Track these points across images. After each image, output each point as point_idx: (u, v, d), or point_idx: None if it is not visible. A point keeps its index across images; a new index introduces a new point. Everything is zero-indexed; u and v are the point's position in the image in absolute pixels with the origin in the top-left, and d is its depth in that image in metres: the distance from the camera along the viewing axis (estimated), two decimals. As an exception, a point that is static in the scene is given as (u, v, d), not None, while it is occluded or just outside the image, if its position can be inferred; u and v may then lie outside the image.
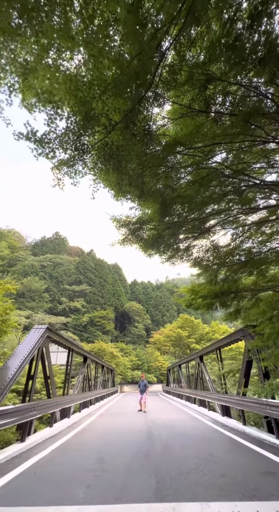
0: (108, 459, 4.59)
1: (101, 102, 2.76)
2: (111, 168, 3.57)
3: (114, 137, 3.20)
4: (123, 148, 3.34)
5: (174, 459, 4.50)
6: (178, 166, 5.49)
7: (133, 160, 3.54)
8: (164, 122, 5.36)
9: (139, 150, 3.59)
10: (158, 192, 4.52)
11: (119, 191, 4.16)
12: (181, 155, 5.24)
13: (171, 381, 25.27)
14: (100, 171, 3.71)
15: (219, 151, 5.70)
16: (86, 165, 3.57)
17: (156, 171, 4.68)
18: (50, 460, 4.61)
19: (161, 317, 60.01)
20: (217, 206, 7.75)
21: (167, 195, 4.74)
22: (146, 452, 5.03)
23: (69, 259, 61.93)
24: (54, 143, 3.08)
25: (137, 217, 5.57)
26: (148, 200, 4.48)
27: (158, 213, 4.93)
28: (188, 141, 4.13)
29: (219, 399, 9.41)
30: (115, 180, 3.84)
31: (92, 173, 3.73)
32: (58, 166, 3.44)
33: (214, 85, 5.06)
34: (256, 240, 8.65)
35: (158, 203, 4.65)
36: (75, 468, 4.15)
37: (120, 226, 5.58)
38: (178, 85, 4.66)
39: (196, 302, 8.35)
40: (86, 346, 33.46)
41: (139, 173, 3.85)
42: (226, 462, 4.31)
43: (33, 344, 6.89)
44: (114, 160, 3.43)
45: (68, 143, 3.15)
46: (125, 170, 3.65)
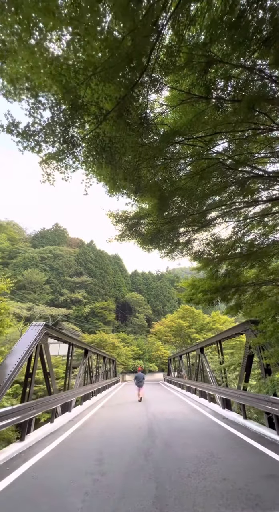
0: (108, 460, 4.54)
1: (90, 89, 2.47)
2: (104, 162, 3.30)
3: (106, 127, 2.92)
4: (117, 140, 3.06)
5: (174, 460, 4.44)
6: (177, 157, 5.18)
7: (128, 152, 3.26)
8: (162, 109, 5.02)
9: (134, 141, 3.30)
10: (155, 186, 4.25)
11: (114, 186, 3.89)
12: (180, 145, 4.93)
13: (172, 370, 25.57)
14: (93, 165, 3.43)
15: (220, 140, 5.37)
16: (77, 159, 3.29)
17: (153, 163, 4.40)
18: (49, 461, 4.56)
19: (162, 307, 60.39)
20: (218, 198, 7.48)
21: (166, 189, 4.47)
22: (146, 450, 4.99)
23: (69, 250, 61.73)
24: (40, 136, 2.79)
25: (134, 212, 5.31)
26: (145, 195, 4.21)
27: (156, 208, 4.68)
28: (187, 130, 3.82)
29: (220, 392, 9.41)
30: (109, 174, 3.56)
31: (84, 167, 3.45)
32: (46, 161, 3.17)
33: (215, 69, 4.71)
34: (258, 233, 8.42)
35: (156, 197, 4.39)
36: (74, 470, 4.09)
37: (117, 221, 5.33)
38: (177, 69, 4.32)
39: (197, 297, 8.19)
40: (88, 337, 33.76)
41: (135, 166, 3.57)
42: (226, 463, 4.25)
43: (31, 342, 6.79)
44: (107, 153, 3.15)
45: (55, 135, 2.87)
46: (119, 164, 3.38)
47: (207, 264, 8.54)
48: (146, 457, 4.63)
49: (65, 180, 3.65)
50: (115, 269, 64.73)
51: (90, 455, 4.86)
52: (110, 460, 4.52)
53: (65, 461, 4.57)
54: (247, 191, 7.42)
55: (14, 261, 52.79)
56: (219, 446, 5.26)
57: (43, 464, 4.40)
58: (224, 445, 5.29)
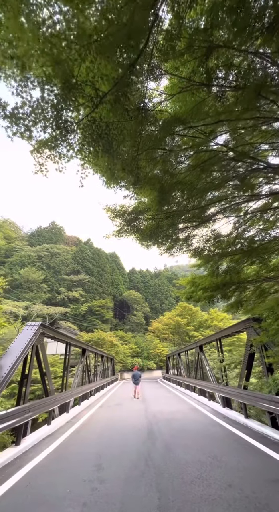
0: (107, 465, 4.35)
1: (85, 67, 2.24)
2: (101, 150, 3.06)
3: (103, 112, 2.69)
4: (114, 126, 2.83)
5: (176, 464, 4.27)
6: (177, 150, 4.96)
7: (127, 140, 3.03)
8: (161, 98, 4.78)
9: (133, 129, 3.08)
10: (155, 179, 4.03)
11: (112, 178, 3.65)
12: (180, 136, 4.71)
13: (170, 368, 25.50)
14: (88, 154, 3.19)
15: (221, 132, 5.15)
16: (71, 147, 3.05)
17: (152, 155, 4.17)
18: (45, 467, 4.36)
19: (160, 305, 60.33)
20: (218, 193, 7.29)
21: (165, 182, 4.25)
22: (146, 454, 4.81)
23: (66, 248, 61.27)
24: (30, 119, 2.54)
25: (133, 207, 5.08)
26: (144, 187, 3.98)
27: (156, 202, 4.45)
28: (188, 118, 3.60)
29: (220, 390, 9.28)
30: (106, 164, 3.33)
31: (79, 156, 3.21)
32: (38, 149, 2.93)
33: (217, 55, 4.49)
34: (258, 228, 8.25)
35: (155, 190, 4.16)
36: (72, 478, 3.89)
37: (115, 216, 5.10)
38: (177, 55, 4.09)
39: (197, 294, 8.01)
40: (86, 335, 33.54)
41: (134, 156, 3.34)
42: (231, 467, 4.08)
43: (26, 342, 6.56)
44: (104, 141, 2.91)
45: (47, 120, 2.62)
46: (117, 153, 3.14)
47: (207, 260, 8.36)
48: (146, 461, 4.45)
49: (59, 171, 3.41)
50: (113, 267, 64.44)
51: (88, 459, 4.67)
52: (109, 465, 4.33)
53: (62, 467, 4.37)
54: (247, 185, 7.24)
55: (11, 259, 52.26)
56: (221, 447, 5.10)
57: (39, 471, 4.20)
58: (227, 447, 5.14)
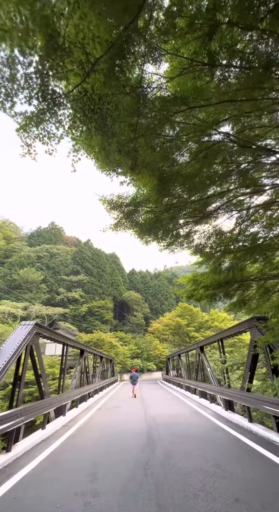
0: (102, 475, 4.03)
1: (73, 26, 1.95)
2: (94, 128, 2.75)
3: (96, 83, 2.39)
4: (109, 100, 2.53)
5: (177, 473, 3.95)
6: (177, 135, 4.66)
7: (123, 118, 2.73)
8: (160, 82, 4.49)
9: (129, 105, 2.78)
10: (154, 164, 3.73)
11: (106, 160, 3.33)
12: (182, 117, 4.38)
13: (170, 369, 25.14)
14: (80, 133, 2.89)
15: (224, 121, 4.84)
16: (61, 124, 2.75)
17: (151, 141, 3.86)
18: (36, 477, 4.04)
19: (160, 306, 59.96)
20: (220, 188, 7.02)
21: (165, 169, 3.94)
22: (145, 462, 4.49)
23: (66, 249, 60.99)
24: (11, 87, 2.26)
25: (131, 197, 4.78)
26: (143, 173, 3.67)
27: (155, 191, 4.14)
28: (189, 98, 3.29)
29: (222, 392, 8.95)
30: (100, 144, 3.01)
31: (70, 135, 2.91)
32: (25, 126, 2.63)
33: (220, 36, 4.19)
34: (261, 225, 7.96)
35: (154, 178, 3.85)
36: (63, 489, 3.57)
37: (111, 208, 4.79)
38: (178, 34, 3.80)
39: (198, 293, 7.70)
40: (85, 336, 33.18)
41: (130, 137, 3.05)
42: (236, 477, 3.76)
43: (19, 342, 6.25)
44: (97, 116, 2.61)
45: (31, 89, 2.33)
46: (112, 132, 2.83)
47: (209, 258, 8.06)
48: (145, 470, 4.13)
49: (49, 153, 3.11)
50: (112, 267, 64.12)
51: (82, 468, 4.35)
52: (105, 475, 4.01)
53: (54, 476, 4.04)
54: (250, 180, 6.97)
55: (10, 260, 51.96)
56: (225, 455, 4.77)
57: (28, 481, 3.88)
58: (231, 454, 4.81)
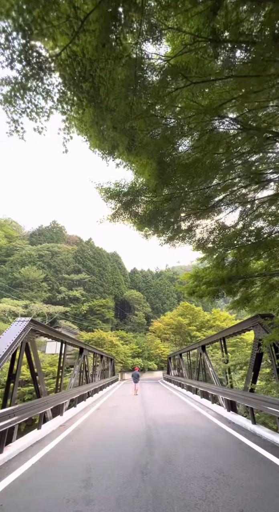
0: (97, 480, 3.77)
1: None
2: (86, 100, 2.48)
3: (87, 46, 2.13)
4: (102, 66, 2.26)
5: (177, 480, 3.68)
6: (178, 124, 4.37)
7: (118, 88, 2.45)
8: (159, 63, 4.20)
9: (125, 74, 2.51)
10: (153, 146, 3.44)
11: (99, 137, 3.02)
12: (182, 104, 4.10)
13: (171, 369, 24.86)
14: (71, 107, 2.62)
15: (229, 102, 4.54)
16: (50, 96, 2.48)
17: (149, 121, 3.56)
18: (26, 482, 3.78)
19: (161, 305, 59.68)
20: (223, 180, 6.74)
21: (166, 152, 3.65)
22: (143, 467, 4.23)
23: (67, 248, 60.82)
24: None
25: (129, 185, 4.50)
26: (141, 155, 3.38)
27: (155, 176, 3.86)
28: (192, 71, 3.00)
29: (225, 393, 8.67)
30: (92, 119, 2.73)
31: (60, 108, 2.64)
32: (9, 99, 2.36)
33: (226, 12, 3.89)
34: (266, 220, 7.66)
35: (154, 161, 3.56)
36: (54, 496, 3.31)
37: (108, 197, 4.52)
38: (180, 10, 3.50)
39: (200, 289, 7.41)
40: (86, 335, 32.99)
41: (127, 112, 2.76)
42: (241, 485, 3.48)
43: (14, 339, 6.00)
44: (89, 85, 2.34)
45: (13, 49, 2.06)
46: (106, 105, 2.56)
47: (211, 253, 7.78)
48: (142, 475, 3.86)
49: (38, 131, 2.85)
50: (114, 266, 63.92)
51: (76, 472, 4.09)
52: (99, 480, 3.75)
53: (45, 482, 3.79)
54: (254, 173, 6.69)
55: (11, 258, 51.91)
56: (228, 459, 4.50)
57: (18, 487, 3.63)
58: (234, 459, 4.53)
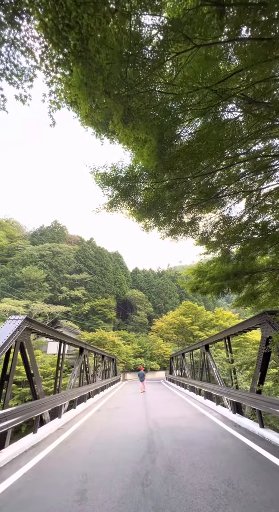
0: (93, 493, 3.41)
1: None
2: (72, 55, 2.12)
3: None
4: (91, 11, 1.90)
5: (181, 493, 3.31)
6: (179, 102, 4.00)
7: (110, 38, 2.08)
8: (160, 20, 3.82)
9: (119, 29, 2.15)
10: (152, 119, 3.06)
11: (90, 104, 2.64)
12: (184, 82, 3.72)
13: (174, 369, 24.46)
14: (56, 66, 2.27)
15: (237, 73, 4.15)
16: (31, 52, 2.14)
17: (147, 89, 3.18)
18: (15, 494, 3.43)
19: (163, 305, 59.26)
20: (227, 170, 6.38)
21: (165, 122, 3.27)
22: (144, 476, 3.86)
23: (68, 247, 60.56)
24: None
25: (127, 170, 4.13)
26: (139, 128, 3.00)
27: (155, 156, 3.47)
28: (196, 32, 2.63)
29: (230, 394, 8.28)
30: (80, 78, 2.35)
31: (43, 68, 2.30)
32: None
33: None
34: (272, 213, 7.28)
35: (153, 137, 3.18)
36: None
37: (105, 183, 4.16)
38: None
39: (204, 285, 7.04)
40: (87, 335, 32.66)
41: (122, 74, 2.40)
42: (253, 500, 3.11)
43: (6, 338, 5.67)
44: (76, 36, 1.99)
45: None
46: (96, 62, 2.19)
47: (215, 248, 7.41)
48: (143, 487, 3.50)
49: (22, 101, 2.50)
50: (115, 266, 63.59)
51: (71, 483, 3.74)
52: (95, 493, 3.39)
53: (36, 494, 3.44)
54: (260, 164, 6.33)
55: (13, 258, 51.72)
56: (237, 468, 4.12)
57: (6, 500, 3.28)
58: (244, 467, 4.15)
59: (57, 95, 2.56)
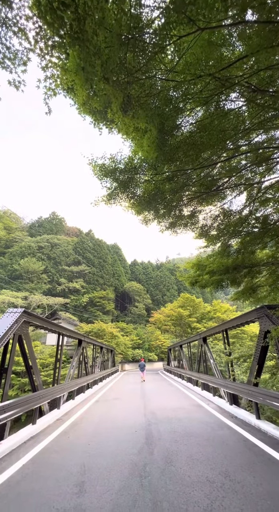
0: (91, 485, 3.44)
1: None
2: (68, 37, 1.94)
3: None
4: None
5: (179, 485, 3.35)
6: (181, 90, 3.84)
7: (109, 19, 1.94)
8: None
9: (119, 9, 2.01)
10: (153, 107, 2.93)
11: (87, 90, 2.52)
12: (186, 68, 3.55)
13: (172, 360, 24.79)
14: (51, 50, 2.13)
15: (241, 60, 3.98)
16: (24, 33, 1.99)
17: (148, 76, 3.04)
18: (13, 487, 3.46)
19: (162, 297, 59.59)
20: (228, 162, 6.25)
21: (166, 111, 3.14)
22: (142, 468, 3.91)
23: (67, 239, 60.31)
24: None
25: (126, 161, 4.01)
26: (139, 117, 2.88)
27: (155, 147, 3.36)
28: (200, 14, 2.47)
29: (227, 386, 8.39)
30: (77, 63, 2.21)
31: (38, 52, 2.15)
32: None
33: None
34: (273, 207, 7.19)
35: (154, 127, 3.06)
36: (42, 505, 2.98)
37: (103, 175, 4.04)
38: None
39: (203, 278, 7.01)
40: (86, 326, 32.91)
41: (121, 58, 2.27)
42: (250, 492, 3.15)
43: (4, 331, 5.64)
44: (71, 16, 1.84)
45: None
46: (94, 45, 2.05)
47: (215, 241, 7.34)
48: (141, 479, 3.54)
49: (15, 87, 2.36)
50: (114, 258, 63.55)
51: (70, 475, 3.78)
52: (93, 485, 3.42)
53: (35, 486, 3.46)
54: (261, 157, 6.20)
55: (11, 250, 51.52)
56: (233, 460, 4.18)
57: (4, 492, 3.30)
58: (240, 459, 4.21)
59: (53, 81, 2.43)
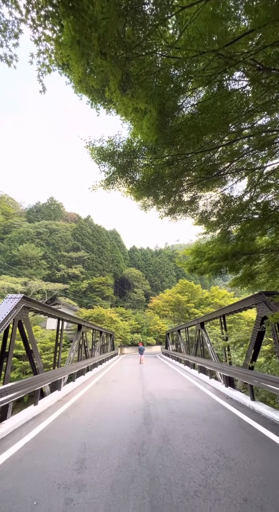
0: (91, 461, 3.60)
1: None
2: (62, 6, 1.81)
3: None
4: None
5: (175, 462, 3.50)
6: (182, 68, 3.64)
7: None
8: None
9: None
10: (153, 86, 2.79)
11: (83, 67, 2.37)
12: (188, 43, 3.35)
13: (170, 344, 25.37)
14: (44, 20, 1.98)
15: (245, 36, 3.76)
16: (14, 2, 1.84)
17: (148, 51, 2.87)
18: (17, 463, 3.62)
19: (160, 283, 60.08)
20: (230, 146, 6.08)
21: (167, 91, 3.00)
22: (140, 446, 4.07)
23: (65, 225, 59.80)
24: None
25: (125, 144, 3.87)
26: (138, 96, 2.74)
27: (155, 129, 3.23)
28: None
29: (223, 369, 8.62)
30: (72, 35, 2.07)
31: (30, 23, 1.99)
32: None
33: None
34: (276, 193, 7.08)
35: (154, 107, 2.93)
36: (45, 480, 3.13)
37: (101, 158, 3.92)
38: None
39: (202, 265, 7.01)
40: (85, 311, 33.37)
41: (119, 31, 2.12)
42: (243, 468, 3.30)
43: (4, 317, 5.69)
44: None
45: None
46: (90, 16, 1.89)
47: (214, 227, 7.28)
48: (139, 457, 3.70)
49: (7, 62, 2.22)
50: (113, 244, 63.43)
51: (71, 452, 3.94)
52: (94, 462, 3.58)
53: (37, 463, 3.62)
54: (264, 141, 6.03)
55: (9, 235, 51.19)
56: (228, 439, 4.35)
57: (8, 468, 3.45)
58: (234, 438, 4.39)
59: (47, 56, 2.27)
